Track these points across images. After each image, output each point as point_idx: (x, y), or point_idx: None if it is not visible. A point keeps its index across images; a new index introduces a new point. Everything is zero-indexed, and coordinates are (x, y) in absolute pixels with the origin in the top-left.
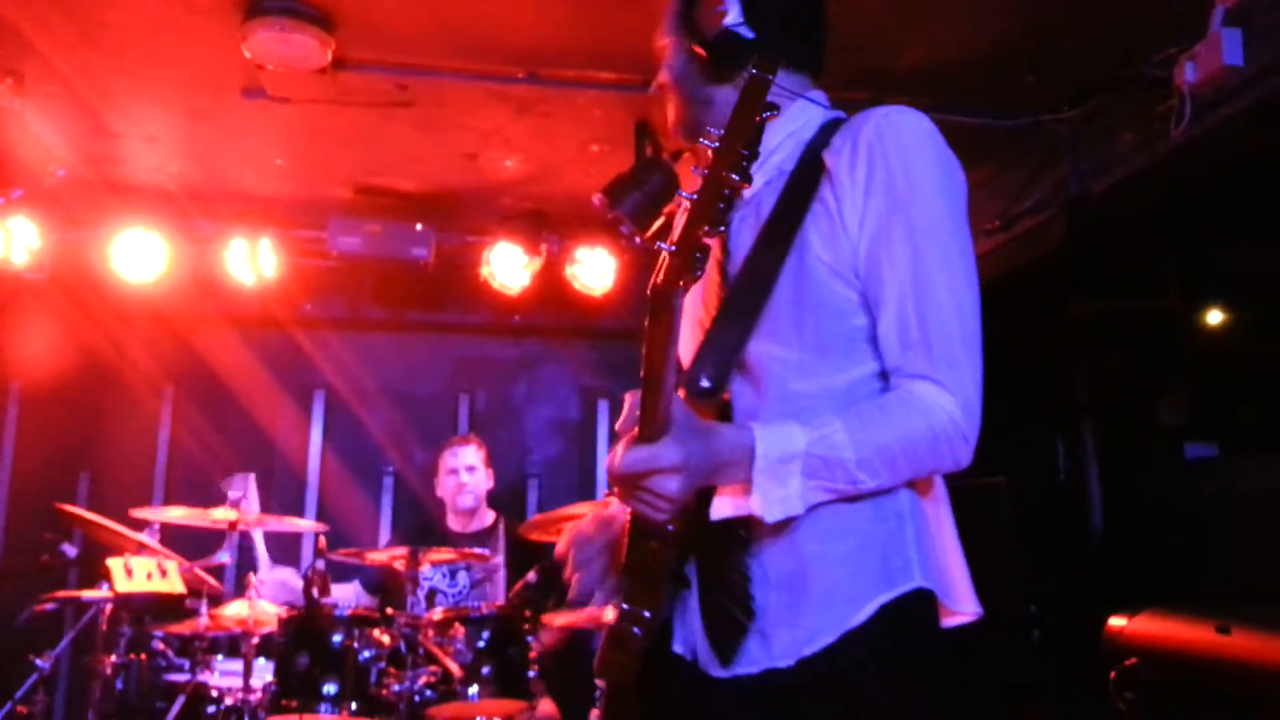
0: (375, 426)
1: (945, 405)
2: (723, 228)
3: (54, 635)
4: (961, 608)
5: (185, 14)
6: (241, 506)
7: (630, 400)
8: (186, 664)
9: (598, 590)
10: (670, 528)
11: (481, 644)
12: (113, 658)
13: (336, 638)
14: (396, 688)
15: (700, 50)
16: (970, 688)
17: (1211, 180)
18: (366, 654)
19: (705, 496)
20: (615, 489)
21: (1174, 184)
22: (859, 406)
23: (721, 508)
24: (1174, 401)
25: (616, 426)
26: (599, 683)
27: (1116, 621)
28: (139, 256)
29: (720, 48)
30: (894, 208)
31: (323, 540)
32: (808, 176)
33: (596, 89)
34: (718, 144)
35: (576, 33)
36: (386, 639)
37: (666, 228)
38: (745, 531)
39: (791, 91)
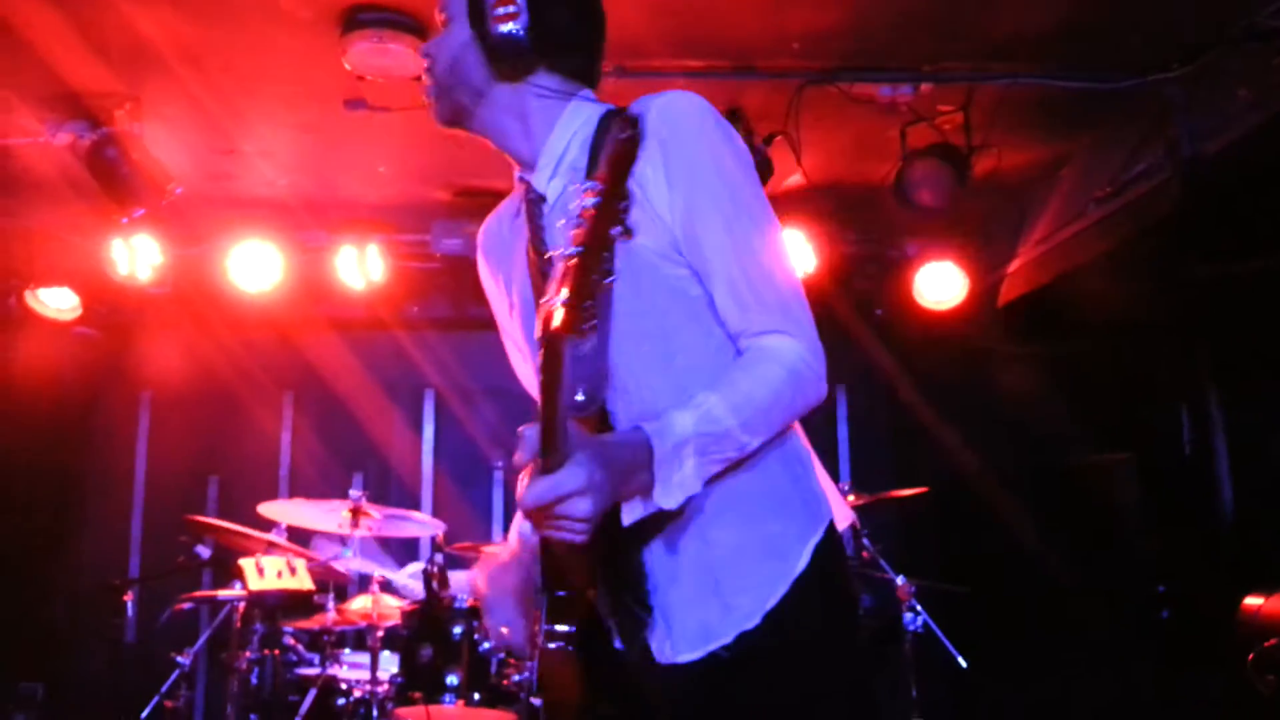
0: (483, 423)
1: (796, 350)
2: (610, 279)
3: (192, 633)
4: (842, 524)
5: (287, 32)
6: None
7: (524, 433)
8: (316, 658)
9: (514, 631)
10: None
11: None
12: (247, 653)
13: (457, 629)
14: (517, 678)
15: (488, 45)
16: (1099, 669)
17: None
18: (486, 645)
19: (614, 506)
20: (530, 521)
21: None
22: (725, 375)
23: (632, 511)
24: None
25: (514, 460)
26: (535, 701)
27: (1253, 601)
28: (255, 267)
29: (508, 49)
30: (698, 188)
31: (440, 535)
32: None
33: (685, 77)
34: (599, 199)
35: (662, 22)
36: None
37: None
38: (664, 522)
39: (564, 91)
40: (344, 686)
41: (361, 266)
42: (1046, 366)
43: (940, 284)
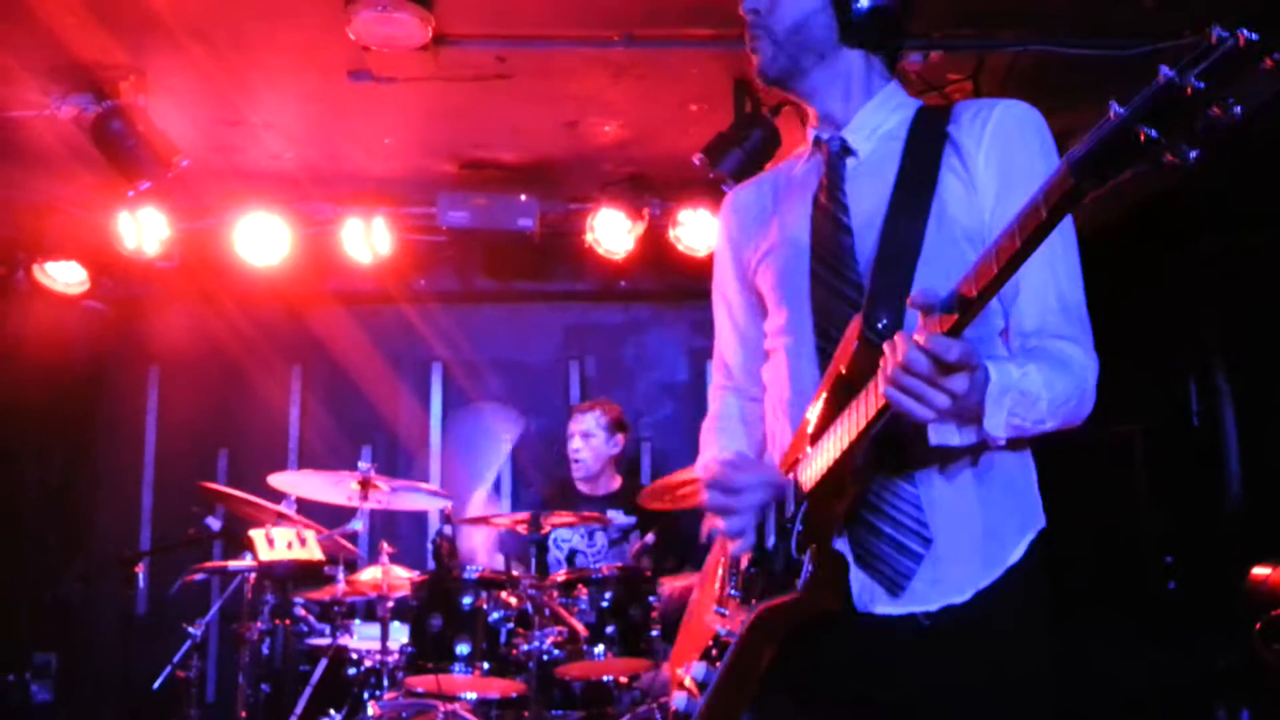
0: (491, 396)
1: (1091, 366)
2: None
3: (203, 604)
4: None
5: (291, 2)
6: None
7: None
8: (327, 629)
9: (743, 542)
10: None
11: (605, 604)
12: (258, 624)
13: (466, 600)
14: (525, 647)
15: (852, 12)
16: (1107, 640)
17: None
18: (496, 615)
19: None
20: (897, 379)
21: None
22: (1038, 356)
23: (943, 434)
24: None
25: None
26: (724, 629)
27: (1261, 571)
28: (261, 240)
29: (872, 20)
30: (1023, 192)
31: (449, 506)
32: (930, 145)
33: (693, 46)
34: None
35: None
36: (514, 600)
37: None
38: (918, 462)
39: (885, 73)
40: (354, 656)
41: (368, 239)
42: None
43: None
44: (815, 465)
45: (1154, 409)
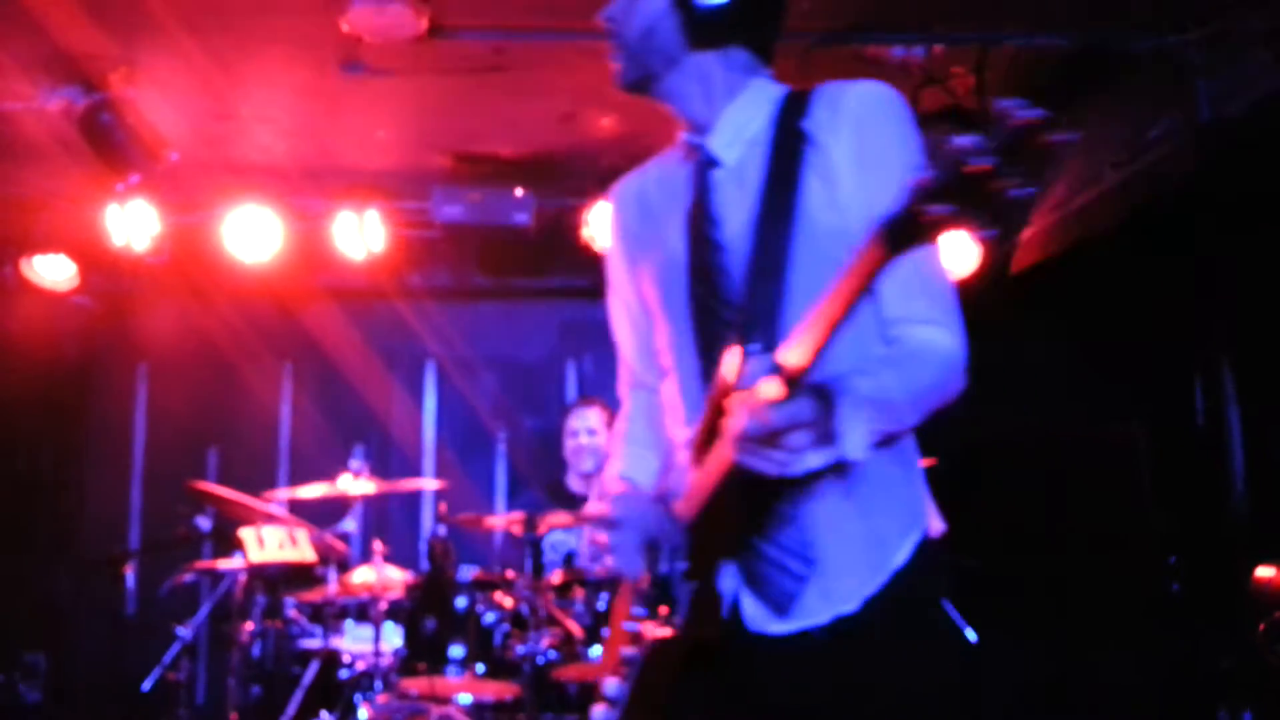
0: (486, 394)
1: (952, 344)
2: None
3: (193, 605)
4: (934, 532)
5: None
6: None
7: (732, 358)
8: (319, 630)
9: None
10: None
11: (601, 606)
12: (249, 625)
13: (461, 602)
14: (520, 649)
15: (692, 14)
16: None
17: None
18: (490, 617)
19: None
20: (738, 449)
21: None
22: (893, 355)
23: (804, 462)
24: None
25: (725, 381)
26: (630, 651)
27: (1265, 572)
28: (253, 236)
29: (711, 21)
30: (886, 176)
31: (443, 506)
32: (792, 146)
33: None
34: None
35: None
36: (509, 602)
37: None
38: (788, 490)
39: (750, 66)
40: (347, 659)
41: (361, 235)
42: (1059, 336)
43: (951, 252)
44: (694, 495)
45: (1159, 408)
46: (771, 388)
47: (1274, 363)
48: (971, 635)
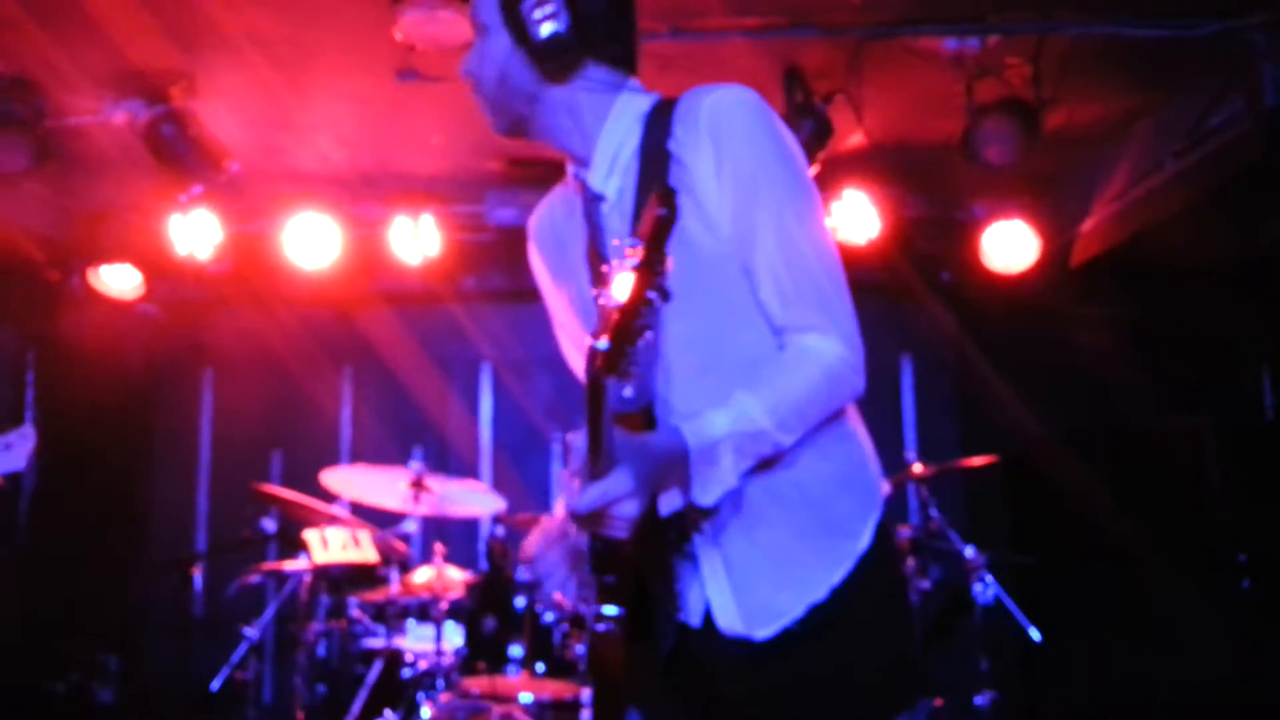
0: (541, 395)
1: (832, 348)
2: (649, 331)
3: (259, 606)
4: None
5: (338, 2)
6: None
7: (572, 442)
8: (382, 630)
9: (564, 589)
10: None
11: None
12: (314, 625)
13: (519, 601)
14: (579, 648)
15: (533, 49)
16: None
17: None
18: (549, 617)
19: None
20: (577, 524)
21: None
22: (763, 374)
23: (670, 503)
24: None
25: (565, 470)
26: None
27: None
28: (312, 243)
29: (554, 49)
30: (746, 184)
31: (503, 508)
32: (658, 168)
33: (741, 35)
34: (639, 261)
35: None
36: (567, 602)
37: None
38: (697, 515)
39: (613, 82)
40: (409, 658)
41: (416, 239)
42: (1121, 329)
43: (1010, 245)
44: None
45: (1226, 401)
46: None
47: None
48: (1035, 634)
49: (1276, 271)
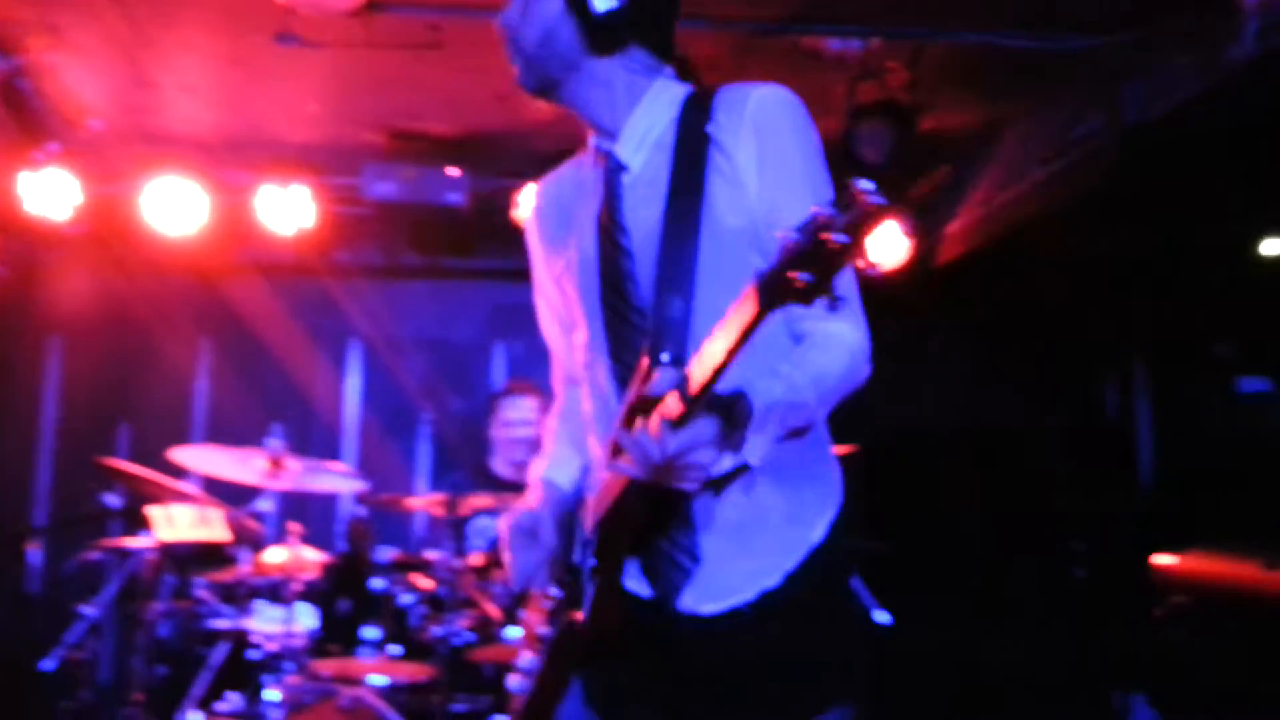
0: (411, 375)
1: (855, 334)
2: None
3: (99, 584)
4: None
5: None
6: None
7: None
8: (229, 610)
9: (534, 576)
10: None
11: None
12: (157, 605)
13: (377, 583)
14: (437, 631)
15: (587, 19)
16: (1014, 627)
17: (1276, 105)
18: (407, 599)
19: None
20: (650, 473)
21: (1235, 110)
22: (802, 353)
23: (720, 464)
24: (1228, 336)
25: (630, 399)
26: (545, 630)
27: (1162, 559)
28: (174, 208)
29: (605, 25)
30: (786, 178)
31: (362, 487)
32: (695, 150)
33: None
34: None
35: None
36: (427, 584)
37: None
38: (718, 481)
39: (651, 66)
40: (257, 639)
41: (288, 209)
42: (980, 329)
43: (882, 245)
44: (603, 495)
45: (1075, 403)
46: (673, 407)
47: (1185, 360)
48: (885, 617)
49: (1128, 283)
